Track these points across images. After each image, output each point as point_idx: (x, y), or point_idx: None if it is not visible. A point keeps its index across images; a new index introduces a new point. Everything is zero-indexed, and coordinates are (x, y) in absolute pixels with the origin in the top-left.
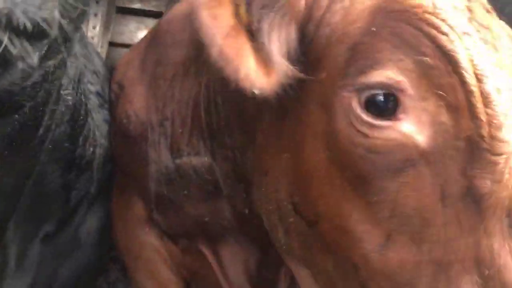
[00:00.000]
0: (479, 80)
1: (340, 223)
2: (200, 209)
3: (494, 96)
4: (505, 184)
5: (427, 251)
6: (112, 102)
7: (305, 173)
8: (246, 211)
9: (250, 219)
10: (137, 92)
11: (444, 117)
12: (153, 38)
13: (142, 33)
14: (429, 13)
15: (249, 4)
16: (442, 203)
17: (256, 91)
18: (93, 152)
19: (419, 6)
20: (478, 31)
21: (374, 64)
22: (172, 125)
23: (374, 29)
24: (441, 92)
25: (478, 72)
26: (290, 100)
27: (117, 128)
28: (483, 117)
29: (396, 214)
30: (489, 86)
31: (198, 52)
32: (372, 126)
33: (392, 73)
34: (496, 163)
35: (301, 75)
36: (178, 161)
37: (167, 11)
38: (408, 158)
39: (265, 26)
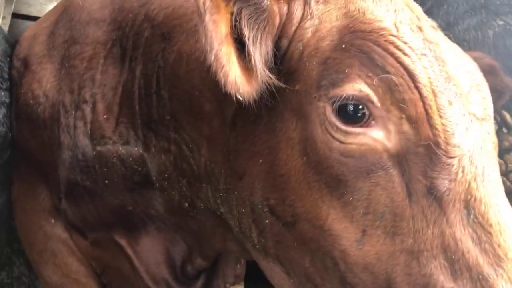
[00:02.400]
0: (435, 95)
1: (318, 223)
2: (122, 198)
3: (447, 108)
4: (460, 181)
5: (399, 242)
6: (15, 81)
7: (281, 177)
8: (186, 205)
9: (187, 212)
10: (46, 71)
11: (406, 127)
12: (65, 11)
13: (52, 6)
14: (394, 35)
15: (239, 13)
16: (409, 199)
17: (240, 96)
18: None
19: (385, 29)
20: (430, 49)
21: (345, 78)
22: (93, 110)
23: (344, 46)
24: (403, 105)
25: (434, 88)
26: (263, 108)
27: (21, 110)
28: (439, 126)
29: (370, 211)
30: (443, 99)
31: (124, 34)
32: (346, 132)
33: (362, 87)
34: (451, 165)
35: (281, 84)
36: (100, 148)
37: None
38: (379, 161)
39: (251, 36)
